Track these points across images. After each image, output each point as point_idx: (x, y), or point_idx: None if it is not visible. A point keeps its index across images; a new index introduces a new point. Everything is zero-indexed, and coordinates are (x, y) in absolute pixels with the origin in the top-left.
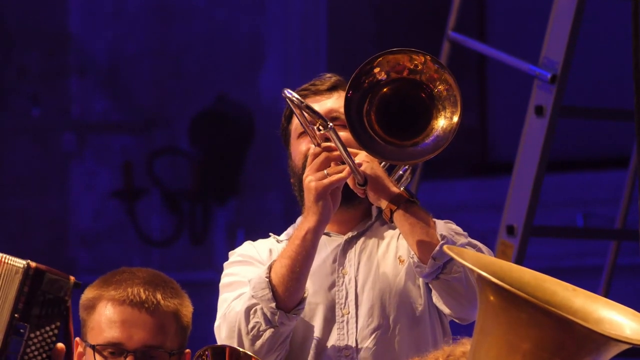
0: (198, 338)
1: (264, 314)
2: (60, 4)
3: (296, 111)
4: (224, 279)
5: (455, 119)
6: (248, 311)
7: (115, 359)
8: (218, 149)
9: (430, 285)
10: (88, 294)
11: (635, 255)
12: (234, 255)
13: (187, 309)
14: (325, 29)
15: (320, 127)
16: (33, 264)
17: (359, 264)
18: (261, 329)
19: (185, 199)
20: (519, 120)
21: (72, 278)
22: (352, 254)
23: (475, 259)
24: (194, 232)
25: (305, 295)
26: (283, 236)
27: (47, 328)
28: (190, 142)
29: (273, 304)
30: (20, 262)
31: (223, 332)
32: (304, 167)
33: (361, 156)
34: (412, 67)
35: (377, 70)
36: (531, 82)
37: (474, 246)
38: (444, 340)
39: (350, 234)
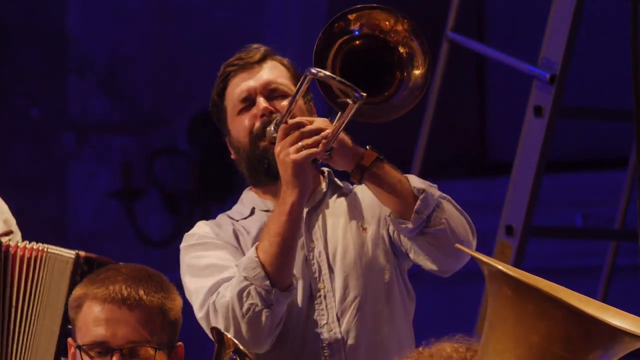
0: (197, 337)
1: (259, 294)
2: (59, 4)
3: (305, 87)
4: (193, 261)
5: (422, 69)
6: (241, 294)
7: (103, 358)
8: (217, 149)
9: (411, 244)
10: (75, 293)
11: (635, 255)
12: (194, 237)
13: (173, 302)
14: None
15: (348, 100)
16: (82, 253)
17: (325, 237)
18: (257, 309)
19: (185, 199)
20: (518, 120)
21: (118, 263)
22: (317, 227)
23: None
24: None
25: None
26: (237, 215)
27: None
28: (190, 143)
29: (267, 282)
30: (68, 253)
31: (219, 323)
32: (250, 143)
33: (319, 122)
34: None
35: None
36: (530, 82)
37: (443, 198)
38: (410, 300)
39: (307, 207)
